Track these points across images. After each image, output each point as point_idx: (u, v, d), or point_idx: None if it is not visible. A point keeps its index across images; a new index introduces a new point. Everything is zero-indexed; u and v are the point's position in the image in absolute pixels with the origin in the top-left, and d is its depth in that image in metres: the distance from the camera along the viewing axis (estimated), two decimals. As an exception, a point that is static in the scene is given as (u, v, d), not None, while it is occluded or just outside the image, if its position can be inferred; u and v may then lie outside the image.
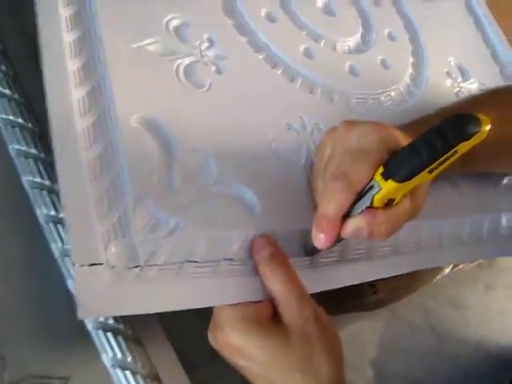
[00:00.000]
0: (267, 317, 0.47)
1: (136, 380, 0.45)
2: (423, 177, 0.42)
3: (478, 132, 0.39)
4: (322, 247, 0.46)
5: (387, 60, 0.72)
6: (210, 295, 0.47)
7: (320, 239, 0.46)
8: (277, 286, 0.47)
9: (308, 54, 0.66)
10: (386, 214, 0.45)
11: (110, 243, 0.44)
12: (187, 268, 0.46)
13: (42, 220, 0.48)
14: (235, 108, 0.57)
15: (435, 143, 0.40)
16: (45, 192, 0.49)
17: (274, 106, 0.59)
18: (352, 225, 0.45)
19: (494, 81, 0.81)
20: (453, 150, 0.40)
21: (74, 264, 0.42)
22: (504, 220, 0.68)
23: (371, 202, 0.44)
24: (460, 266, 0.79)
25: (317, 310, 0.47)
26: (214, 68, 0.58)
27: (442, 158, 0.40)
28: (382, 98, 0.68)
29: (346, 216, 0.46)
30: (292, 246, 0.51)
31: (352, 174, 0.44)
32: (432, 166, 0.41)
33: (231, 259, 0.48)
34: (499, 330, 0.83)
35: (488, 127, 0.39)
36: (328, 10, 0.73)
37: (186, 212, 0.48)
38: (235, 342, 0.45)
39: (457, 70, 0.79)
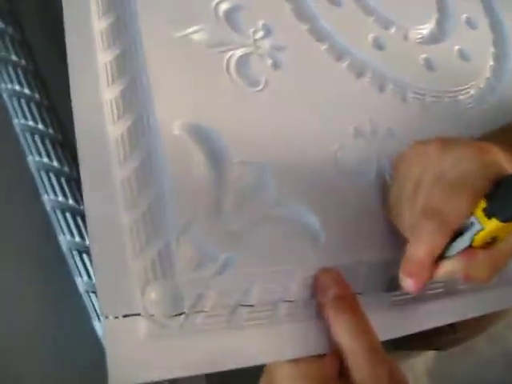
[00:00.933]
0: (333, 374, 0.38)
1: None
2: None
3: None
4: (411, 293, 0.40)
5: (466, 50, 0.62)
6: (267, 349, 0.38)
7: (409, 284, 0.39)
8: (344, 336, 0.38)
9: (377, 44, 0.57)
10: (487, 255, 0.38)
11: (149, 286, 0.36)
12: (240, 314, 0.38)
13: (64, 248, 0.40)
14: (294, 111, 0.48)
15: None
16: (68, 214, 0.40)
17: (339, 108, 0.50)
18: (446, 268, 0.38)
19: None
20: None
21: (103, 315, 0.34)
22: None
23: (471, 242, 0.37)
24: None
25: (391, 366, 0.38)
26: (270, 61, 0.49)
27: None
28: (461, 97, 0.58)
29: (440, 256, 0.38)
30: (363, 280, 0.43)
31: (448, 211, 0.37)
32: None
33: (291, 301, 0.40)
34: None
35: None
36: (399, -8, 0.62)
37: (239, 243, 0.40)
38: None
39: (541, 62, 0.68)
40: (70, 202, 0.41)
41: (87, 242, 0.40)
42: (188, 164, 0.41)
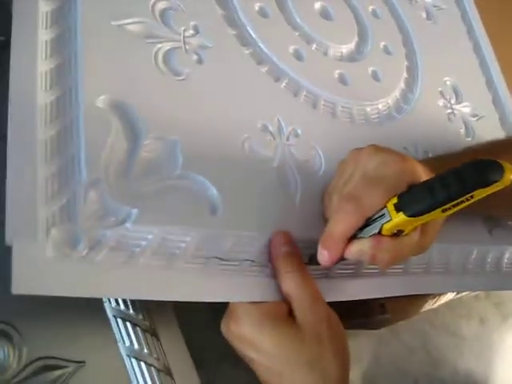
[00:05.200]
0: (283, 313, 0.48)
1: (149, 372, 0.47)
2: (435, 215, 0.42)
3: (498, 180, 0.38)
4: (324, 264, 0.47)
5: (379, 72, 0.70)
6: (163, 288, 0.45)
7: (324, 256, 0.47)
8: (292, 284, 0.48)
9: (297, 55, 0.64)
10: (392, 242, 0.45)
11: (54, 227, 0.41)
12: (137, 259, 0.44)
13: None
14: (211, 101, 0.54)
15: (451, 186, 0.40)
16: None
17: (253, 105, 0.57)
18: (356, 246, 0.46)
19: (487, 109, 0.80)
20: (469, 195, 0.40)
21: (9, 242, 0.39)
22: (507, 255, 0.67)
23: (380, 230, 0.45)
24: (460, 295, 0.78)
25: (329, 311, 0.49)
26: (195, 57, 0.56)
27: (457, 201, 0.40)
28: (368, 110, 0.66)
29: (354, 238, 0.46)
30: (251, 251, 0.49)
31: (364, 199, 0.45)
32: (445, 207, 0.41)
33: (185, 257, 0.46)
34: (488, 362, 0.84)
35: (511, 176, 0.38)
36: (325, 14, 0.70)
37: (141, 203, 0.45)
38: (249, 334, 0.46)
39: (451, 90, 0.77)
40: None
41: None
42: (106, 132, 0.47)
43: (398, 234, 0.45)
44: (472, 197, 0.40)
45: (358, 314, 0.68)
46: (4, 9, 0.51)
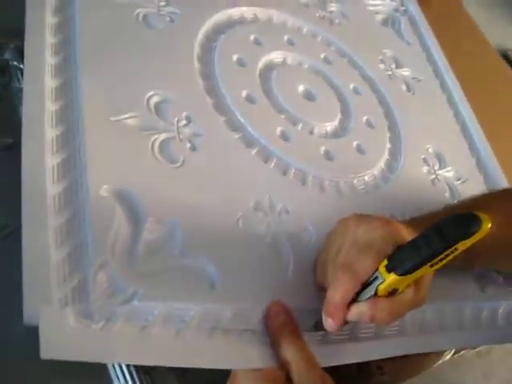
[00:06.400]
0: (281, 379, 0.50)
1: None
2: (424, 270, 0.45)
3: (477, 231, 0.41)
4: (330, 330, 0.51)
5: (363, 145, 0.75)
6: (173, 355, 0.48)
7: (329, 322, 0.50)
8: (288, 352, 0.50)
9: (284, 136, 0.69)
10: (388, 301, 0.49)
11: (67, 307, 0.45)
12: (147, 331, 0.48)
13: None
14: (206, 184, 0.59)
15: (434, 241, 0.44)
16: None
17: (245, 185, 0.61)
18: (356, 310, 0.50)
19: (471, 172, 0.84)
20: (452, 248, 0.43)
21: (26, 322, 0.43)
22: (501, 310, 0.70)
23: (376, 291, 0.48)
24: (461, 353, 0.80)
25: (324, 374, 0.50)
26: (188, 145, 0.61)
27: (442, 255, 0.44)
28: (355, 182, 0.70)
29: (354, 301, 0.49)
30: (250, 321, 0.52)
31: (357, 266, 0.49)
32: (432, 262, 0.44)
33: (190, 329, 0.49)
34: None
35: (489, 226, 0.42)
36: (308, 96, 0.76)
37: (145, 281, 0.49)
38: None
39: (434, 157, 0.81)
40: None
41: None
42: (110, 219, 0.51)
43: (393, 292, 0.48)
44: (456, 249, 0.43)
45: (355, 377, 0.70)
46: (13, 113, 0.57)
